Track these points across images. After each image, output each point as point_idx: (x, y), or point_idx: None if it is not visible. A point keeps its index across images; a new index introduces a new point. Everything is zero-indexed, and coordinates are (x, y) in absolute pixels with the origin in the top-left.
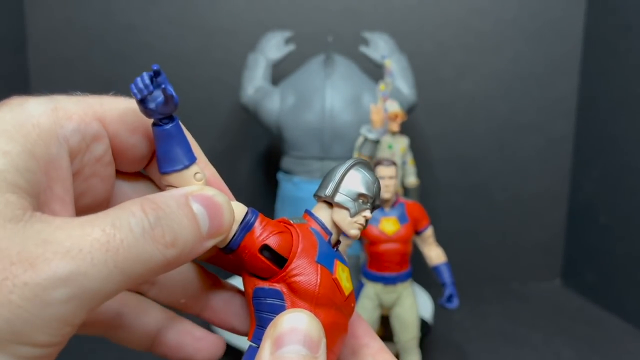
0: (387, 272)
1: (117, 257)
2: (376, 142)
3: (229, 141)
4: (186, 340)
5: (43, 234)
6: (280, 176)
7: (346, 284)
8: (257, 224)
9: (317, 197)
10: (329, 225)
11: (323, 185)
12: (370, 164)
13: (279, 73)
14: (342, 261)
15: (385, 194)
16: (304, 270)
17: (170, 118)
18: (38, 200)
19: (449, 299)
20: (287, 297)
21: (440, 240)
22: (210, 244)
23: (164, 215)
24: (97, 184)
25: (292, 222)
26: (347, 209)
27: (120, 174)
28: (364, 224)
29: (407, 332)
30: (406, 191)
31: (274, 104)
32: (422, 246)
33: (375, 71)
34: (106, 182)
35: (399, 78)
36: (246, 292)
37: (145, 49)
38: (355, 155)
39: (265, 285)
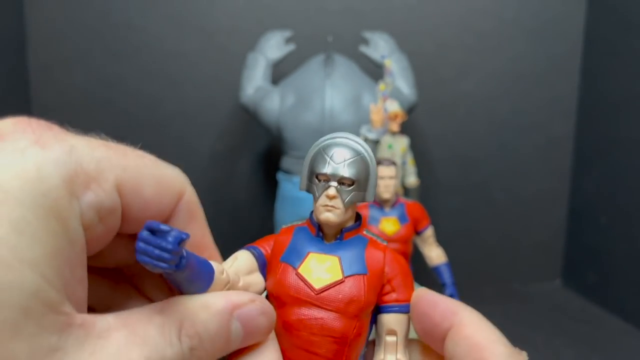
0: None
1: None
2: (376, 142)
3: (229, 141)
4: None
5: (82, 354)
6: (280, 176)
7: (321, 276)
8: (264, 252)
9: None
10: (316, 217)
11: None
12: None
13: (279, 73)
14: (328, 251)
15: (386, 194)
16: (269, 273)
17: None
18: (68, 296)
19: None
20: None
21: (441, 240)
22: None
23: (198, 345)
24: (94, 246)
25: (284, 229)
26: (312, 194)
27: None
28: (330, 204)
29: None
30: (406, 191)
31: (274, 103)
32: (422, 246)
33: (375, 71)
34: (102, 243)
35: (399, 78)
36: None
37: (145, 48)
38: None
39: None
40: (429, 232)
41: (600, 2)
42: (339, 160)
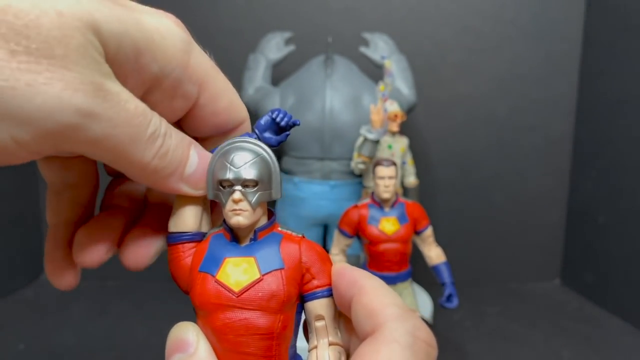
0: (387, 272)
1: (126, 132)
2: (376, 142)
3: None
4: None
5: (101, 79)
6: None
7: (239, 279)
8: (180, 246)
9: None
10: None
11: None
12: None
13: (279, 73)
14: (242, 253)
15: (385, 194)
16: (190, 285)
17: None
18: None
19: (449, 298)
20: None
21: (440, 240)
22: (183, 188)
23: (169, 135)
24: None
25: (200, 242)
26: (219, 201)
27: None
28: (238, 208)
29: None
30: (406, 191)
31: (274, 104)
32: (421, 246)
33: (375, 72)
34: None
35: (399, 78)
36: None
37: None
38: (355, 155)
39: None
40: (429, 232)
41: (599, 3)
42: (239, 164)
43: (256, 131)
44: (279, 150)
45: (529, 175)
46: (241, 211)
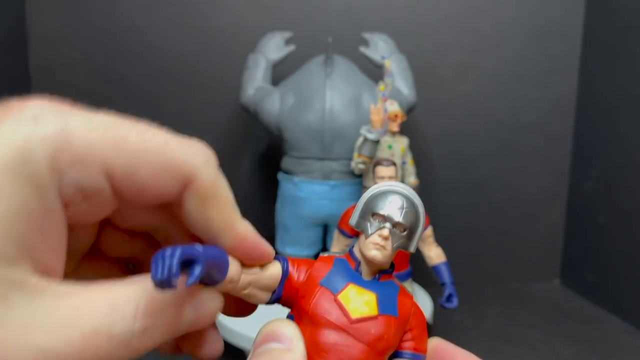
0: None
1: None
2: (376, 142)
3: (230, 141)
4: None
5: (24, 321)
6: (281, 176)
7: (359, 307)
8: (291, 269)
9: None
10: (357, 253)
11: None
12: (406, 189)
13: (279, 73)
14: (366, 286)
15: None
16: (305, 293)
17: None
18: (31, 257)
19: (449, 298)
20: (295, 318)
21: (440, 240)
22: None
23: (151, 325)
24: (89, 217)
25: (324, 257)
26: (362, 231)
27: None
28: (382, 244)
29: None
30: None
31: (274, 104)
32: (421, 246)
33: (375, 72)
34: (100, 215)
35: (399, 78)
36: None
37: (146, 49)
38: (355, 155)
39: (289, 313)
40: (429, 231)
41: (599, 3)
42: (397, 206)
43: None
44: (279, 150)
45: (529, 175)
46: (382, 248)
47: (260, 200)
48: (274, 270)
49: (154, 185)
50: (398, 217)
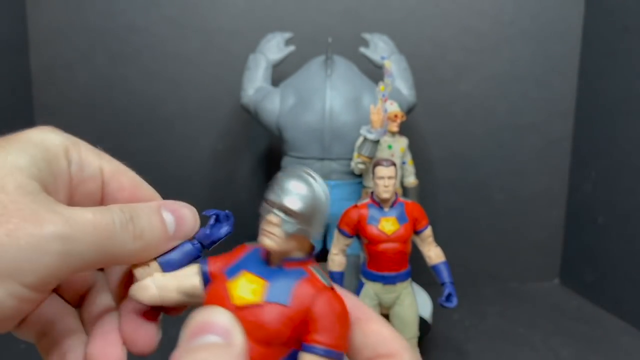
0: (387, 272)
1: (100, 234)
2: (376, 143)
3: (230, 141)
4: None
5: (51, 206)
6: None
7: (244, 295)
8: (210, 270)
9: None
10: None
11: None
12: (297, 170)
13: (280, 74)
14: (261, 274)
15: (385, 194)
16: (212, 282)
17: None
18: (48, 193)
19: (448, 298)
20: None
21: (439, 239)
22: (175, 243)
23: (136, 216)
24: (79, 197)
25: (241, 246)
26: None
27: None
28: (268, 230)
29: (407, 331)
30: (405, 191)
31: (274, 104)
32: (421, 246)
33: (375, 72)
34: (87, 199)
35: (399, 79)
36: None
37: (146, 50)
38: (355, 155)
39: None
40: (428, 231)
41: (598, 4)
42: (287, 192)
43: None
44: (279, 150)
45: (529, 175)
46: (271, 234)
47: (260, 201)
48: (194, 278)
49: (135, 190)
50: (284, 202)
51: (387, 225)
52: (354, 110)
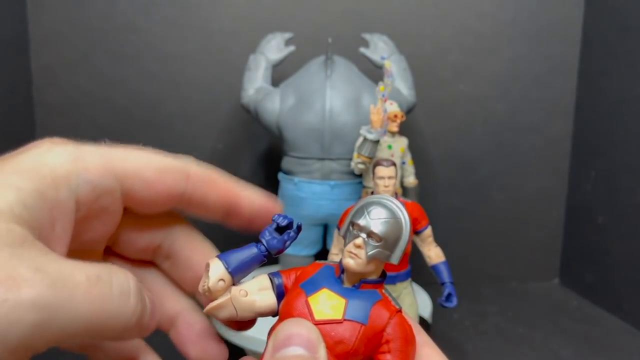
0: (387, 272)
1: (90, 303)
2: (376, 143)
3: (230, 141)
4: None
5: (35, 261)
6: (281, 176)
7: (324, 310)
8: (285, 282)
9: None
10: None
11: None
12: (387, 199)
13: (280, 74)
14: (340, 292)
15: (385, 194)
16: (286, 296)
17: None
18: (39, 235)
19: (448, 298)
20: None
21: (439, 239)
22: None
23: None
24: (98, 226)
25: (315, 263)
26: (345, 239)
27: (132, 218)
28: (354, 252)
29: None
30: (405, 191)
31: (274, 104)
32: (421, 246)
33: (375, 72)
34: (108, 225)
35: (398, 79)
36: None
37: (146, 50)
38: (355, 155)
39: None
40: (428, 231)
41: (598, 4)
42: (374, 217)
43: (263, 241)
44: (279, 150)
45: (529, 175)
46: (355, 257)
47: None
48: (271, 297)
49: (160, 180)
50: (371, 227)
51: None
52: (354, 110)
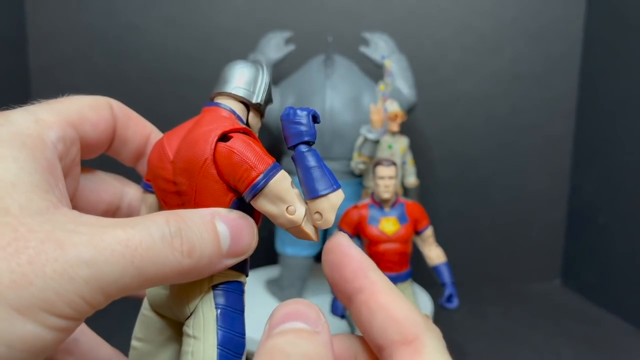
0: (387, 272)
1: (134, 254)
2: (376, 142)
3: None
4: None
5: (69, 225)
6: None
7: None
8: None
9: None
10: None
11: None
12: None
13: (279, 73)
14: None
15: (385, 194)
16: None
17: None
18: (52, 198)
19: (449, 298)
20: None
21: (440, 240)
22: (229, 262)
23: (185, 227)
24: (69, 181)
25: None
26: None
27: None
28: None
29: None
30: (406, 191)
31: (274, 104)
32: (422, 246)
33: (375, 71)
34: (75, 180)
35: (399, 78)
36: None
37: (145, 49)
38: (355, 155)
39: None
40: (429, 232)
41: (600, 4)
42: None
43: (307, 139)
44: (279, 150)
45: (529, 175)
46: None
47: None
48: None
49: (100, 117)
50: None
51: (388, 225)
52: (354, 110)
